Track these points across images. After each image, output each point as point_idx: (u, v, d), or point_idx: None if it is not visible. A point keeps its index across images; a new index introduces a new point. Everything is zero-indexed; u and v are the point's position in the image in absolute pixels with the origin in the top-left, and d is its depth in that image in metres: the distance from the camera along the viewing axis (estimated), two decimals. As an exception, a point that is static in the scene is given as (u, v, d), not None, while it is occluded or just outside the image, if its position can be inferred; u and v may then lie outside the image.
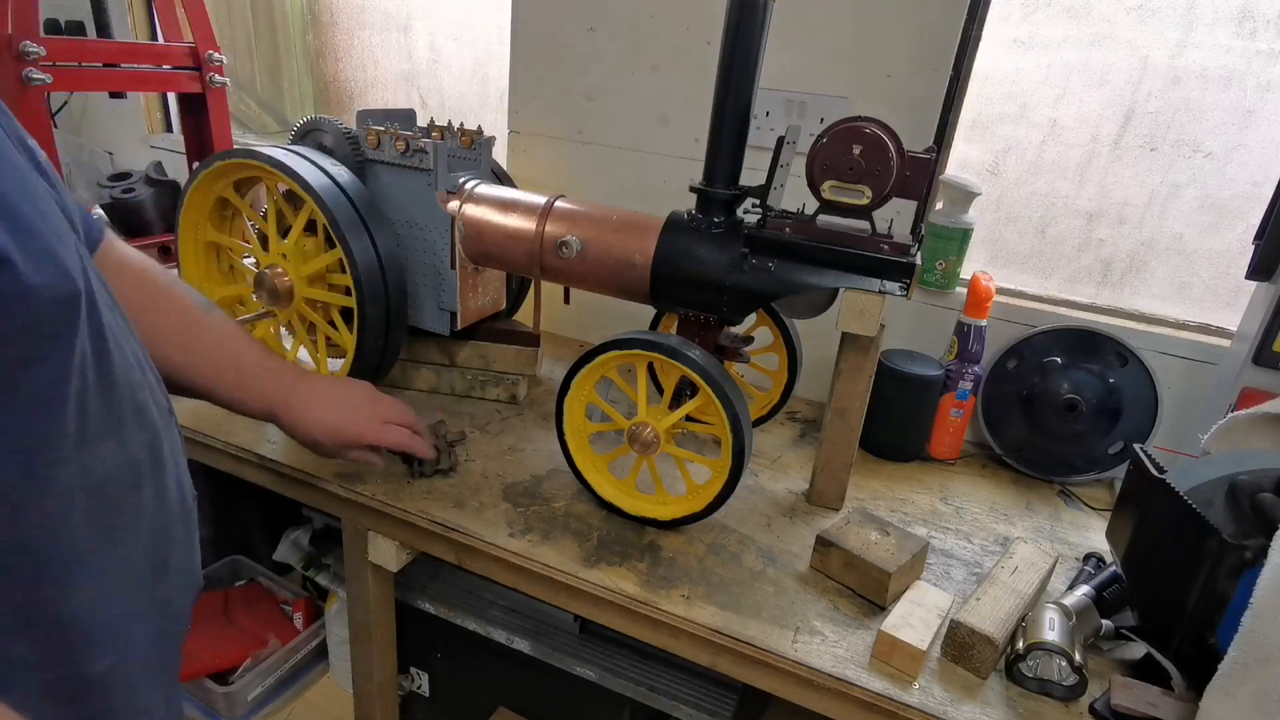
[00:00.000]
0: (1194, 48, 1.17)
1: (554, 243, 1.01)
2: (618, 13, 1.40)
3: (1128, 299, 1.32)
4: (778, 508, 1.08)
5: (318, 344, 1.17)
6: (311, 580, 1.54)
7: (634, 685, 1.12)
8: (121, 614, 0.58)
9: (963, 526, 1.09)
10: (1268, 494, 0.77)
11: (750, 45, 0.90)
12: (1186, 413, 1.22)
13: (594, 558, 0.94)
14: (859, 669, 0.80)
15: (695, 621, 0.85)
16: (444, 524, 0.98)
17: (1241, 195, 1.20)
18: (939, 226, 1.29)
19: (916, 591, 0.89)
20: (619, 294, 1.05)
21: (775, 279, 0.95)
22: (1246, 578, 0.70)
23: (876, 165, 0.88)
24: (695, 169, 0.99)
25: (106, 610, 0.57)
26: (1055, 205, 1.32)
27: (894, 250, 0.91)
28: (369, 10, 1.84)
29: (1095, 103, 1.24)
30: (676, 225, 0.98)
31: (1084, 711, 0.78)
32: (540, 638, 1.18)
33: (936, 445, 1.29)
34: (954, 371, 1.25)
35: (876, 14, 1.23)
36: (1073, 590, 0.91)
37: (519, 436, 1.21)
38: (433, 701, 1.36)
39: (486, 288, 1.25)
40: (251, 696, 1.42)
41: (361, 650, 1.21)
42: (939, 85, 1.21)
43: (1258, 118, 1.16)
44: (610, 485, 1.03)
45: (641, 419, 0.97)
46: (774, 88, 1.30)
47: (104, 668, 0.57)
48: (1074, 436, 1.23)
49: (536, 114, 1.54)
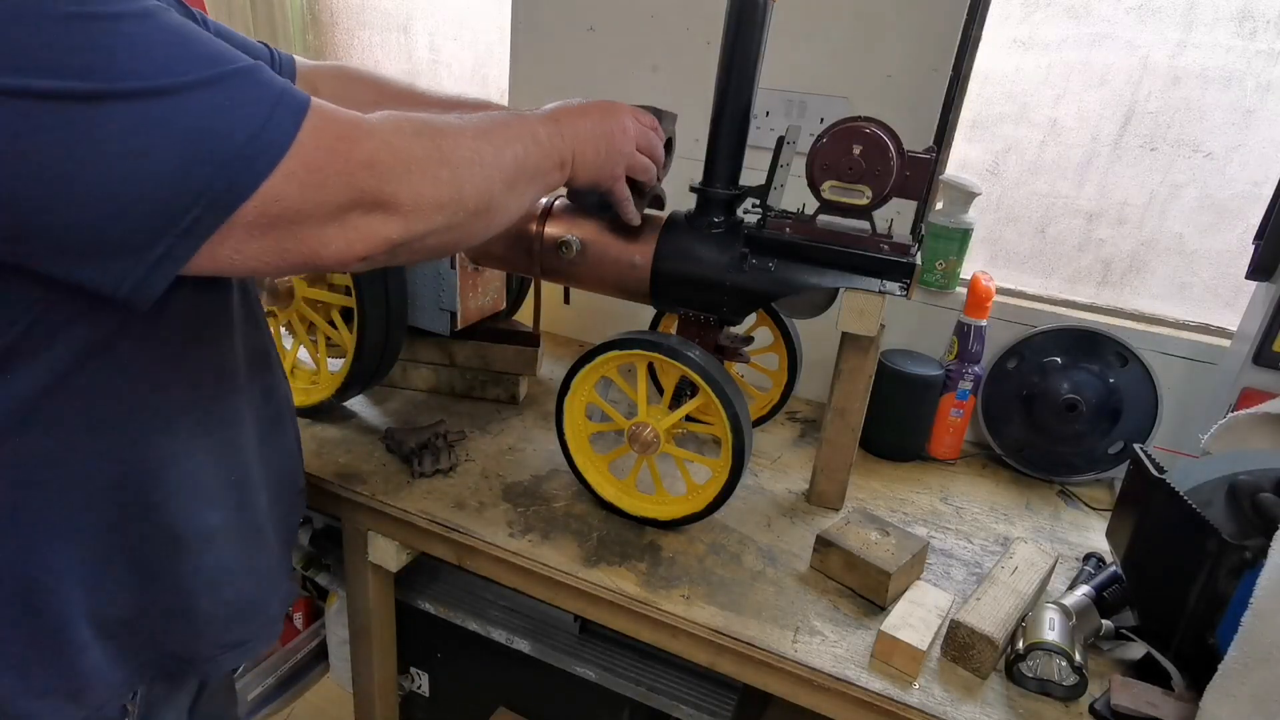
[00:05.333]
0: (1194, 48, 1.17)
1: (554, 243, 1.01)
2: (618, 13, 1.40)
3: (1128, 299, 1.32)
4: (778, 508, 1.08)
5: (318, 344, 1.17)
6: (311, 580, 1.54)
7: (634, 685, 1.12)
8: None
9: (963, 526, 1.09)
10: (1268, 494, 0.77)
11: (750, 45, 0.90)
12: (1186, 413, 1.21)
13: (594, 558, 0.94)
14: (859, 669, 0.80)
15: (695, 621, 0.85)
16: (444, 524, 0.98)
17: (1241, 195, 1.20)
18: (939, 226, 1.29)
19: (916, 591, 0.89)
20: (619, 294, 1.04)
21: (775, 279, 0.94)
22: (1246, 578, 0.71)
23: (876, 165, 0.88)
24: (695, 169, 0.99)
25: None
26: (1055, 205, 1.32)
27: (894, 250, 0.91)
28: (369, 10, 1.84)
29: (1095, 103, 1.24)
30: (676, 225, 0.98)
31: (1084, 711, 0.78)
32: (540, 638, 1.18)
33: (936, 445, 1.29)
34: (954, 371, 1.25)
35: (876, 14, 1.23)
36: (1073, 590, 0.91)
37: (519, 436, 1.21)
38: (433, 701, 1.36)
39: (486, 288, 1.25)
40: (251, 696, 1.42)
41: (361, 650, 1.21)
42: (939, 85, 1.21)
43: (1258, 118, 1.16)
44: (610, 485, 1.03)
45: (641, 419, 0.97)
46: (774, 88, 1.30)
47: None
48: (1074, 436, 1.23)
49: (536, 114, 1.54)
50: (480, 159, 0.60)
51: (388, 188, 0.52)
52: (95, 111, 0.42)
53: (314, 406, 1.17)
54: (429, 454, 1.08)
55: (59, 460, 0.57)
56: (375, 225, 0.53)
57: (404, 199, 0.53)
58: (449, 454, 1.09)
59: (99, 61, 0.42)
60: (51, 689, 0.61)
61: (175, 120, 0.44)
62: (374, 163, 0.51)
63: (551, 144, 0.71)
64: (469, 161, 0.58)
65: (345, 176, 0.50)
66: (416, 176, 0.54)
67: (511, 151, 0.64)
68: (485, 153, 0.60)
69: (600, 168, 0.79)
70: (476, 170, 0.59)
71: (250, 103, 0.46)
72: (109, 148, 0.42)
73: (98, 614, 0.62)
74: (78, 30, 0.41)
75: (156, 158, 0.43)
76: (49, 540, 0.58)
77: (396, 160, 0.53)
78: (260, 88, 0.47)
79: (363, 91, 0.86)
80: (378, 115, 0.54)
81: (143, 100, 0.43)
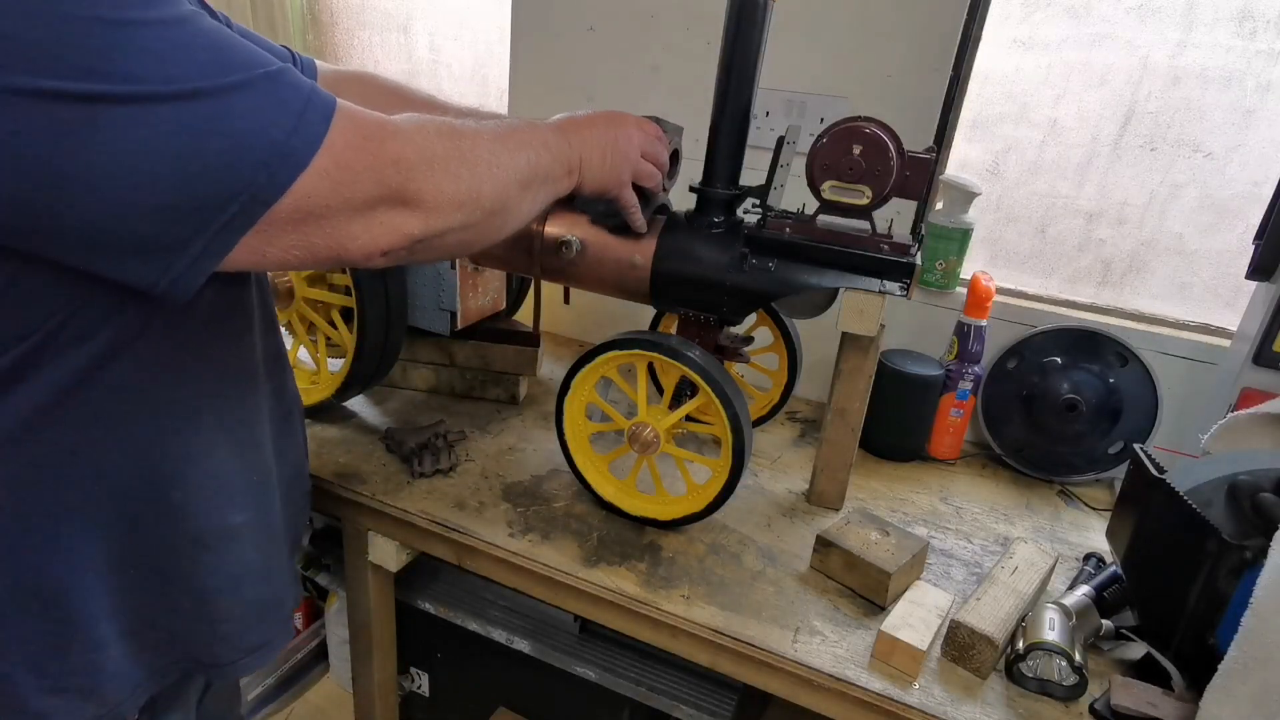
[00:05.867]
0: (1194, 48, 1.17)
1: (554, 243, 1.01)
2: (618, 13, 1.40)
3: (1128, 299, 1.32)
4: (778, 508, 1.08)
5: (318, 344, 1.17)
6: (311, 580, 1.54)
7: (634, 685, 1.12)
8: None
9: (963, 526, 1.09)
10: (1268, 494, 0.77)
11: (750, 45, 0.90)
12: (1186, 413, 1.21)
13: (594, 558, 0.94)
14: (859, 669, 0.80)
15: (695, 621, 0.85)
16: (444, 524, 0.98)
17: (1241, 195, 1.20)
18: (939, 226, 1.29)
19: (916, 591, 0.89)
20: (619, 294, 1.04)
21: (775, 279, 0.94)
22: (1246, 578, 0.70)
23: (876, 165, 0.88)
24: (695, 169, 0.99)
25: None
26: (1055, 205, 1.32)
27: (894, 250, 0.91)
28: (369, 10, 1.84)
29: (1095, 103, 1.24)
30: (676, 225, 0.98)
31: (1084, 711, 0.78)
32: (540, 638, 1.18)
33: (936, 445, 1.29)
34: (954, 371, 1.25)
35: (876, 14, 1.23)
36: (1073, 590, 0.90)
37: (519, 436, 1.21)
38: (433, 701, 1.36)
39: (486, 288, 1.25)
40: (251, 696, 1.42)
41: (361, 650, 1.21)
42: (939, 85, 1.21)
43: (1258, 118, 1.16)
44: (610, 485, 1.03)
45: (641, 419, 0.97)
46: (774, 88, 1.30)
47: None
48: (1074, 436, 1.23)
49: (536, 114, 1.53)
50: (497, 160, 0.62)
51: (412, 184, 0.54)
52: (141, 114, 0.43)
53: (314, 406, 1.17)
54: (429, 454, 1.08)
55: (83, 457, 0.58)
56: (399, 221, 0.55)
57: (427, 195, 0.55)
58: (449, 454, 1.09)
59: (143, 66, 0.43)
60: (68, 686, 0.61)
61: (217, 122, 0.45)
62: (400, 159, 0.53)
63: (560, 151, 0.73)
64: (487, 163, 0.60)
65: (374, 172, 0.52)
66: (439, 174, 0.56)
67: (525, 156, 0.66)
68: (501, 155, 0.62)
69: (607, 174, 0.81)
70: (494, 171, 0.61)
71: (284, 103, 0.48)
72: (154, 148, 0.44)
73: (118, 612, 0.63)
74: (121, 36, 0.43)
75: (199, 158, 0.45)
76: (71, 537, 0.59)
77: (421, 158, 0.55)
78: (291, 89, 0.49)
79: (384, 98, 0.88)
80: (401, 116, 0.57)
81: (186, 102, 0.45)
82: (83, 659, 0.61)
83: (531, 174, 0.67)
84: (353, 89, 0.87)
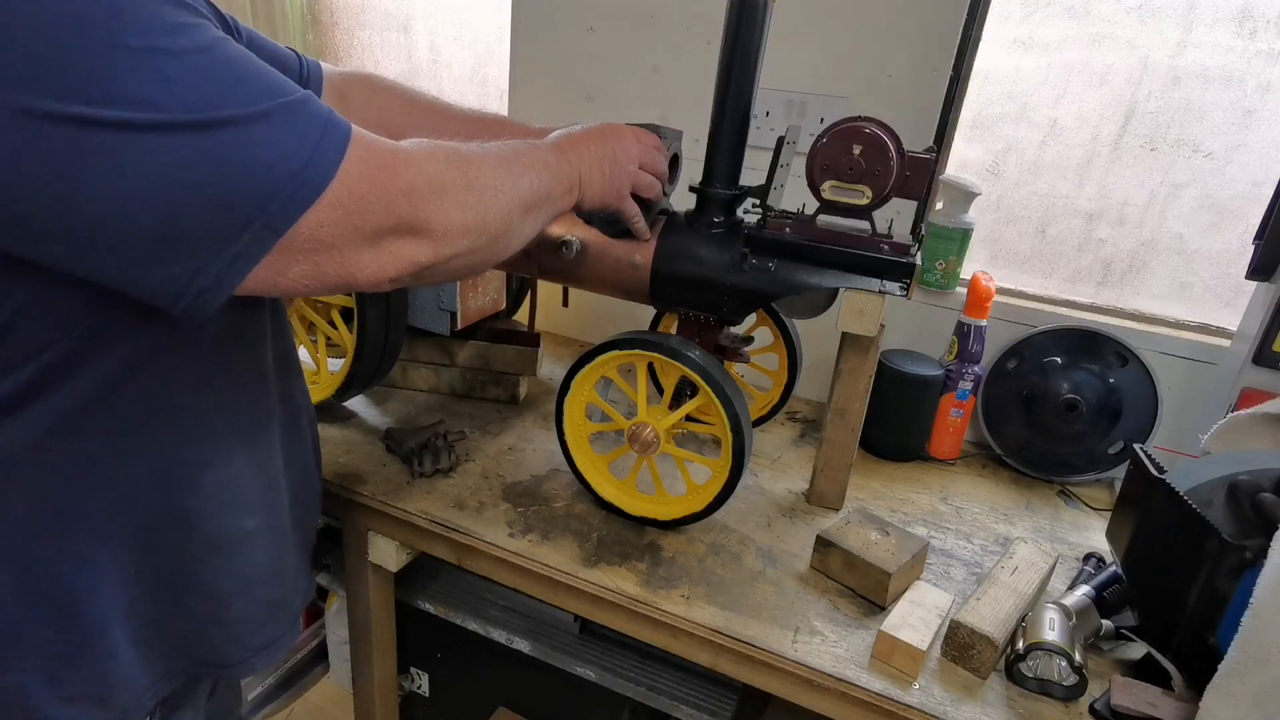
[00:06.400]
0: (1194, 48, 1.17)
1: (554, 243, 1.01)
2: (618, 13, 1.40)
3: (1128, 299, 1.32)
4: (778, 508, 1.08)
5: (318, 344, 1.17)
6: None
7: (634, 685, 1.12)
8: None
9: (963, 526, 1.09)
10: (1268, 494, 0.77)
11: (750, 45, 0.90)
12: (1186, 413, 1.21)
13: (594, 558, 0.94)
14: (859, 669, 0.80)
15: (695, 621, 0.85)
16: (444, 524, 0.98)
17: (1241, 195, 1.20)
18: (939, 226, 1.29)
19: (916, 591, 0.89)
20: (619, 294, 1.04)
21: (775, 279, 0.94)
22: (1246, 578, 0.70)
23: (876, 165, 0.88)
24: (695, 169, 0.99)
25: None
26: (1055, 205, 1.32)
27: (894, 250, 0.91)
28: (369, 10, 1.84)
29: (1095, 103, 1.24)
30: (676, 225, 0.98)
31: (1084, 711, 0.78)
32: (540, 638, 1.18)
33: (936, 445, 1.29)
34: (954, 371, 1.25)
35: (876, 14, 1.23)
36: (1073, 590, 0.90)
37: (519, 436, 1.21)
38: (433, 701, 1.36)
39: (486, 288, 1.25)
40: (251, 696, 1.42)
41: (361, 650, 1.21)
42: (939, 85, 1.21)
43: (1258, 118, 1.16)
44: (610, 485, 1.03)
45: (641, 419, 0.97)
46: (774, 88, 1.30)
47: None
48: (1074, 436, 1.23)
49: (536, 114, 1.54)
50: (502, 187, 0.63)
51: (422, 214, 0.55)
52: (161, 141, 0.44)
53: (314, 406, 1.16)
54: (429, 454, 1.08)
55: (102, 465, 0.58)
56: (407, 249, 0.55)
57: (436, 224, 0.56)
58: (449, 454, 1.09)
59: (167, 95, 0.44)
60: (81, 695, 0.62)
61: (235, 151, 0.46)
62: (411, 190, 0.54)
63: (561, 170, 0.74)
64: (494, 189, 0.61)
65: (385, 204, 0.53)
66: (448, 203, 0.57)
67: (528, 180, 0.67)
68: (506, 181, 0.63)
69: (606, 189, 0.82)
70: (499, 197, 0.62)
71: (304, 134, 0.49)
72: (173, 176, 0.45)
73: (131, 618, 0.63)
74: (147, 64, 0.43)
75: (216, 185, 0.46)
76: (86, 544, 0.59)
77: (431, 188, 0.56)
78: (309, 119, 0.50)
79: (390, 101, 0.89)
80: (410, 143, 0.57)
81: (206, 132, 0.45)
82: (96, 667, 0.62)
83: (534, 197, 0.68)
84: (359, 91, 0.88)
